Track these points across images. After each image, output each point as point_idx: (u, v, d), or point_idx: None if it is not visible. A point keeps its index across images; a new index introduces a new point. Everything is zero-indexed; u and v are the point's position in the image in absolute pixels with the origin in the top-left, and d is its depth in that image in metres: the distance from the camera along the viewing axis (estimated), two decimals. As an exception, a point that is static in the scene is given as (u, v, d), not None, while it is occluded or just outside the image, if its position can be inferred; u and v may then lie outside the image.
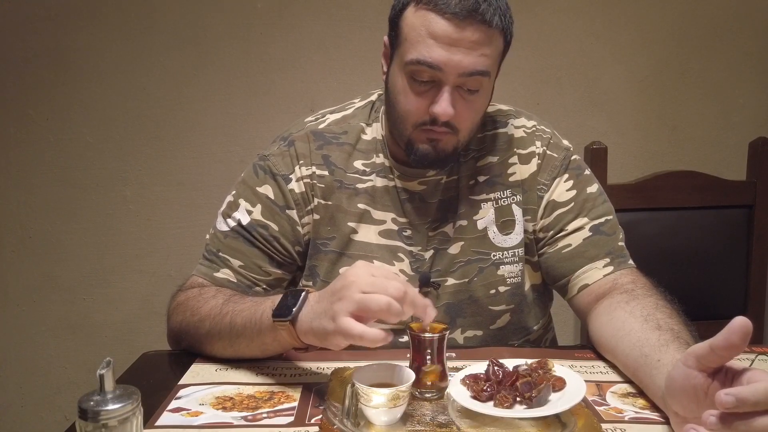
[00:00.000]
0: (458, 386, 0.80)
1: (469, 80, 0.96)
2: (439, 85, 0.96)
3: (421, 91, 0.97)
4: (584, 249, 1.07)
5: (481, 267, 1.09)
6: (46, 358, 2.04)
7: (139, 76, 1.92)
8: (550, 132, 1.14)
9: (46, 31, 1.89)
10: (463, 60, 0.94)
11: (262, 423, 0.79)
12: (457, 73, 0.94)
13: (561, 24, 1.93)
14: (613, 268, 1.05)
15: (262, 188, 1.08)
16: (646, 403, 0.83)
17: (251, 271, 1.07)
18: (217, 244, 1.08)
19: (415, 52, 0.95)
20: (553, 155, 1.11)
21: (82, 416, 0.62)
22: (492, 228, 1.10)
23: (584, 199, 1.10)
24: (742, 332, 0.63)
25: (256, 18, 1.90)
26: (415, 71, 0.96)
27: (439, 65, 0.94)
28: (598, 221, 1.09)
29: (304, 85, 1.93)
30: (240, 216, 1.07)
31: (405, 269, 1.08)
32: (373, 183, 1.09)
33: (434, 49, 0.93)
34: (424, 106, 0.97)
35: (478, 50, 0.94)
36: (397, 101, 1.00)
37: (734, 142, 1.94)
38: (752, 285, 1.63)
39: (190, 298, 1.02)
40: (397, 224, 1.09)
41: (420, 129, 0.99)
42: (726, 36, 1.95)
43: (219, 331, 0.94)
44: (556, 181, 1.10)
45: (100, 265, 2.00)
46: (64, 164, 1.95)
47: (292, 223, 1.08)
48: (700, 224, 1.62)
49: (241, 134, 1.95)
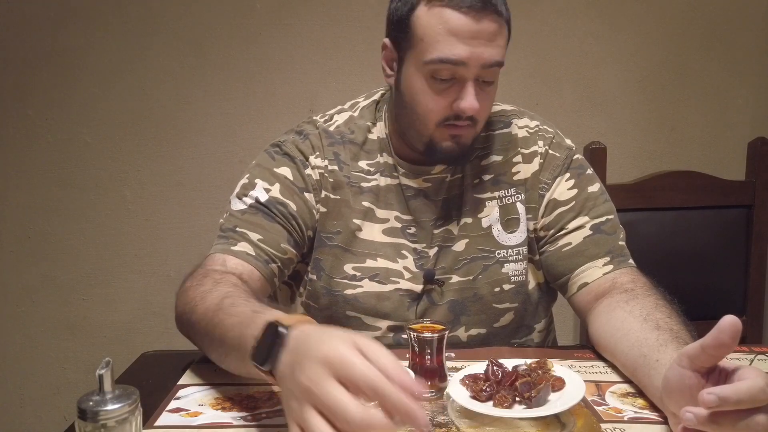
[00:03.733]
0: (457, 386, 0.80)
1: (488, 72, 0.98)
2: (461, 80, 0.97)
3: (442, 89, 0.98)
4: (584, 247, 1.07)
5: (486, 265, 1.09)
6: (45, 359, 2.04)
7: (138, 76, 1.92)
8: (553, 131, 1.15)
9: (45, 31, 1.89)
10: (484, 52, 0.95)
11: (261, 423, 0.79)
12: (479, 67, 0.96)
13: (560, 24, 1.93)
14: (612, 267, 1.05)
15: (280, 169, 1.08)
16: (646, 402, 0.83)
17: (270, 246, 1.03)
18: (233, 221, 1.04)
19: (437, 51, 0.95)
20: (555, 154, 1.12)
21: (81, 416, 0.62)
22: (497, 226, 1.10)
23: (585, 198, 1.10)
24: (732, 330, 0.63)
25: (256, 18, 1.90)
26: (436, 70, 0.96)
27: (463, 60, 0.94)
28: (599, 220, 1.09)
29: (303, 85, 1.93)
30: (258, 194, 1.05)
31: (409, 266, 1.08)
32: (377, 182, 1.10)
33: (456, 45, 0.94)
34: (447, 104, 0.98)
35: (495, 41, 0.96)
36: (417, 102, 1.00)
37: (733, 142, 1.94)
38: (751, 285, 1.63)
39: (192, 287, 0.94)
40: (401, 222, 1.09)
41: (442, 126, 1.00)
42: (725, 36, 1.96)
43: (211, 343, 0.86)
44: (558, 179, 1.11)
45: (99, 266, 2.00)
46: (63, 164, 1.95)
47: (309, 206, 1.08)
48: (699, 224, 1.62)
49: (241, 134, 1.95)
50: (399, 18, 0.99)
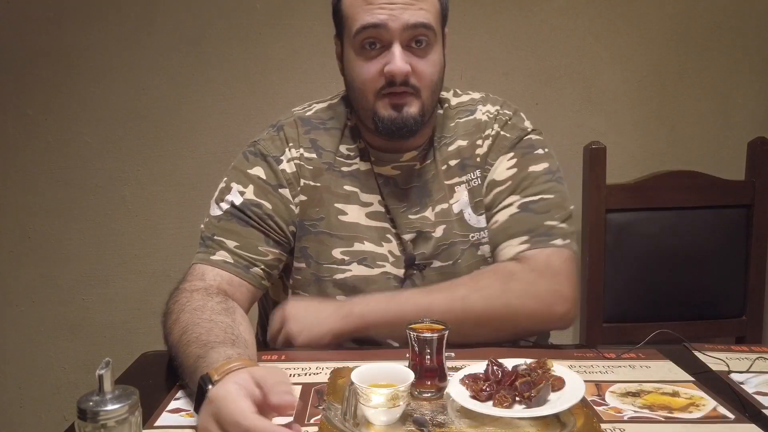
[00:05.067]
0: (457, 386, 0.80)
1: (415, 33, 1.01)
2: (388, 46, 1.01)
3: (371, 56, 1.02)
4: (507, 225, 1.08)
5: (463, 249, 1.11)
6: (44, 359, 2.04)
7: (138, 76, 1.91)
8: (511, 114, 1.16)
9: (45, 31, 1.89)
10: (402, 14, 1.00)
11: (261, 423, 0.79)
12: (401, 27, 1.00)
13: (559, 24, 1.93)
14: (528, 246, 1.05)
15: (254, 170, 1.10)
16: (646, 402, 0.83)
17: (248, 251, 1.06)
18: (211, 228, 1.08)
19: (358, 21, 1.01)
20: (505, 135, 1.13)
21: (81, 416, 0.62)
22: (467, 210, 1.12)
23: (523, 177, 1.10)
24: None
25: (256, 18, 1.90)
26: (363, 39, 1.01)
27: (382, 22, 0.99)
28: (530, 199, 1.08)
29: (303, 85, 1.92)
30: (233, 198, 1.09)
31: (393, 250, 1.10)
32: (357, 166, 1.12)
33: (374, 10, 1.00)
34: (379, 70, 1.02)
35: (416, 5, 1.00)
36: (354, 77, 1.05)
37: (733, 141, 1.93)
38: (751, 284, 1.63)
39: (166, 314, 0.98)
40: (382, 205, 1.11)
41: (381, 96, 1.03)
42: (725, 35, 1.95)
43: (181, 373, 0.88)
44: (500, 159, 1.12)
45: (98, 266, 2.00)
46: (62, 164, 1.95)
47: (285, 202, 1.09)
48: (699, 224, 1.62)
49: (240, 134, 1.94)
50: (334, 10, 1.07)
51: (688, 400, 0.85)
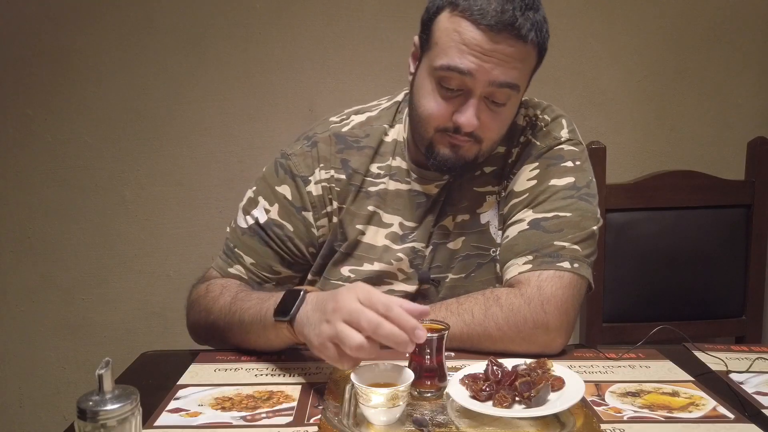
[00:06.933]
0: (457, 386, 0.80)
1: (498, 91, 0.95)
2: (467, 94, 0.95)
3: (447, 96, 0.96)
4: (515, 243, 1.02)
5: (480, 263, 1.08)
6: (45, 359, 2.04)
7: (137, 76, 1.91)
8: (549, 119, 1.10)
9: (45, 31, 1.89)
10: (493, 69, 0.93)
11: (261, 423, 0.79)
12: (486, 82, 0.93)
13: (559, 24, 1.93)
14: (531, 266, 0.98)
15: (281, 188, 1.10)
16: (646, 402, 0.83)
17: (262, 270, 1.10)
18: (234, 239, 1.12)
19: (446, 58, 0.93)
20: (535, 143, 1.07)
21: (81, 416, 0.62)
22: (494, 222, 1.08)
23: (541, 191, 1.04)
24: None
25: (255, 18, 1.90)
26: (444, 77, 0.95)
27: (470, 71, 0.92)
28: (543, 215, 1.02)
29: (302, 85, 1.92)
30: (258, 214, 1.10)
31: (404, 268, 1.08)
32: (385, 186, 1.09)
33: (466, 56, 0.92)
34: (449, 112, 0.97)
35: (511, 63, 0.93)
36: (421, 104, 0.99)
37: (733, 141, 1.94)
38: (751, 284, 1.63)
39: (200, 297, 1.06)
40: (404, 229, 1.09)
41: (442, 133, 0.99)
42: (724, 36, 1.95)
43: (231, 328, 0.99)
44: (523, 168, 1.06)
45: (98, 266, 2.00)
46: (62, 164, 1.95)
47: (307, 225, 1.09)
48: (699, 224, 1.62)
49: (240, 134, 1.94)
50: (426, 19, 0.99)
51: (688, 399, 0.85)
